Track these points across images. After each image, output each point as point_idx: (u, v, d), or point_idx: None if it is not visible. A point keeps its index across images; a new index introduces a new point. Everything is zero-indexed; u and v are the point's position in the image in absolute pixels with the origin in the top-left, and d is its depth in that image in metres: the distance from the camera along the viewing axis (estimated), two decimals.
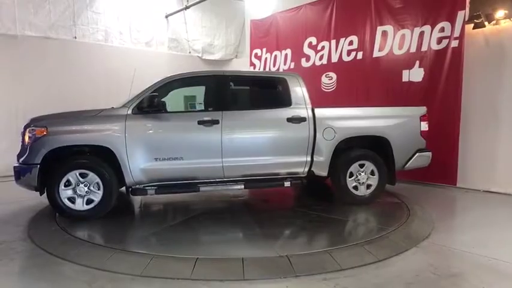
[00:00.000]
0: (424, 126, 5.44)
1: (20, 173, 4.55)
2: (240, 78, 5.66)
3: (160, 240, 4.18)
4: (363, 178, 5.23)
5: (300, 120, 5.01)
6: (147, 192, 4.77)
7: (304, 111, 5.07)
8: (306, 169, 5.13)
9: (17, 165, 4.61)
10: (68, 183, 4.57)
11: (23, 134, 4.68)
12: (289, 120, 4.99)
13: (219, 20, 11.74)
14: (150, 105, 4.64)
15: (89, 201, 4.64)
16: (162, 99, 4.89)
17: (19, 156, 4.66)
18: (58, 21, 8.77)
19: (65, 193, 4.57)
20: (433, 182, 6.63)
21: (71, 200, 4.60)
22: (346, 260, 3.52)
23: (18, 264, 3.61)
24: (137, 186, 4.79)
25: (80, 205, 4.61)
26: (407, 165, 5.40)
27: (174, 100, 5.32)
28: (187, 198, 5.89)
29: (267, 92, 5.80)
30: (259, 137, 5.05)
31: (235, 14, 11.80)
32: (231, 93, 5.34)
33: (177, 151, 4.75)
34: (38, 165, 4.46)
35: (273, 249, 3.76)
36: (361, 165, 5.24)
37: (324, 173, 5.19)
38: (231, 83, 5.28)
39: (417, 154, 5.40)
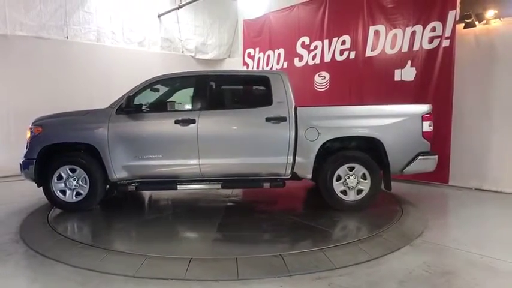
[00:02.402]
0: (427, 126, 4.90)
1: (22, 167, 5.05)
2: (220, 78, 5.55)
3: (151, 240, 4.14)
4: (351, 182, 4.88)
5: (280, 119, 4.82)
6: (127, 188, 5.01)
7: (285, 111, 4.86)
8: (289, 171, 4.92)
9: (22, 159, 5.06)
10: (60, 177, 4.98)
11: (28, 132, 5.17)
12: (268, 119, 4.82)
13: (212, 20, 11.71)
14: (128, 105, 4.85)
15: (78, 194, 5.02)
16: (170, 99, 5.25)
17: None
18: (49, 21, 8.68)
19: (57, 186, 4.99)
20: (425, 180, 6.65)
21: (63, 192, 5.00)
22: (339, 258, 3.53)
23: (10, 266, 3.56)
24: (121, 182, 5.03)
25: (69, 197, 5.00)
26: (406, 169, 4.93)
27: (179, 100, 5.40)
28: (178, 197, 5.88)
29: (247, 91, 5.76)
30: (236, 137, 4.92)
31: (228, 14, 11.78)
32: (210, 92, 5.22)
33: (155, 150, 4.89)
34: (35, 160, 4.92)
35: (267, 248, 3.77)
36: (351, 168, 4.89)
37: (308, 175, 4.94)
38: (211, 83, 5.24)
39: (419, 158, 4.89)
